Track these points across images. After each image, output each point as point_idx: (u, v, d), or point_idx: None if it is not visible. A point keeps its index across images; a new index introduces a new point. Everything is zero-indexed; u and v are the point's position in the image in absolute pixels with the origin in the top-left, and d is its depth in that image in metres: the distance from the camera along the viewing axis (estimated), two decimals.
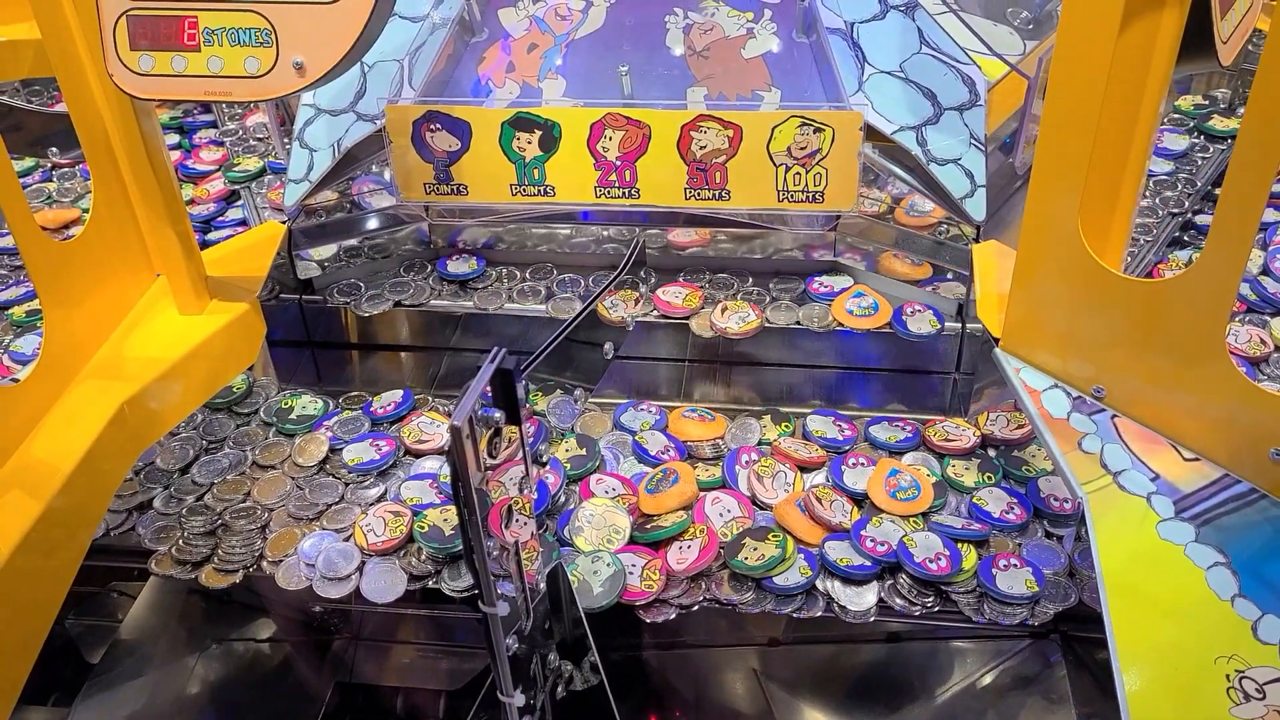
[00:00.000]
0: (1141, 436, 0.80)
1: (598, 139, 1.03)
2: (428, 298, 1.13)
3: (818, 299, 1.10)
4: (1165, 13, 0.73)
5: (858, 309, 1.07)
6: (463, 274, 1.15)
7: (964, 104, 1.04)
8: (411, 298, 1.13)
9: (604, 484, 0.94)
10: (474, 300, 1.13)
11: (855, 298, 1.08)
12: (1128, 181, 0.80)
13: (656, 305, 1.09)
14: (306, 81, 0.81)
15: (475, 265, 1.16)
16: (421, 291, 1.14)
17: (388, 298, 1.13)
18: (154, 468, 1.00)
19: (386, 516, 0.91)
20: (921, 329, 1.04)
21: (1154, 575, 0.73)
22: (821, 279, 1.12)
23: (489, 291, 1.14)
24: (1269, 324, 1.04)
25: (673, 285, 1.12)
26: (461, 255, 1.17)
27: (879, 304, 1.07)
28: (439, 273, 1.16)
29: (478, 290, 1.14)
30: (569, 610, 0.81)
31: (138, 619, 1.12)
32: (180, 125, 1.53)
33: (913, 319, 1.05)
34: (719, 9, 1.10)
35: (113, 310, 0.95)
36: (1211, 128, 1.34)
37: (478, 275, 1.15)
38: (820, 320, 1.06)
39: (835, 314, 1.07)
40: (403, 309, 1.13)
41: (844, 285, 1.11)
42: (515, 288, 1.14)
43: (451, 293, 1.14)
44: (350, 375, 1.19)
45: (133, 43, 0.82)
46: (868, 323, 1.05)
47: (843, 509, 0.90)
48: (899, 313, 1.05)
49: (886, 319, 1.06)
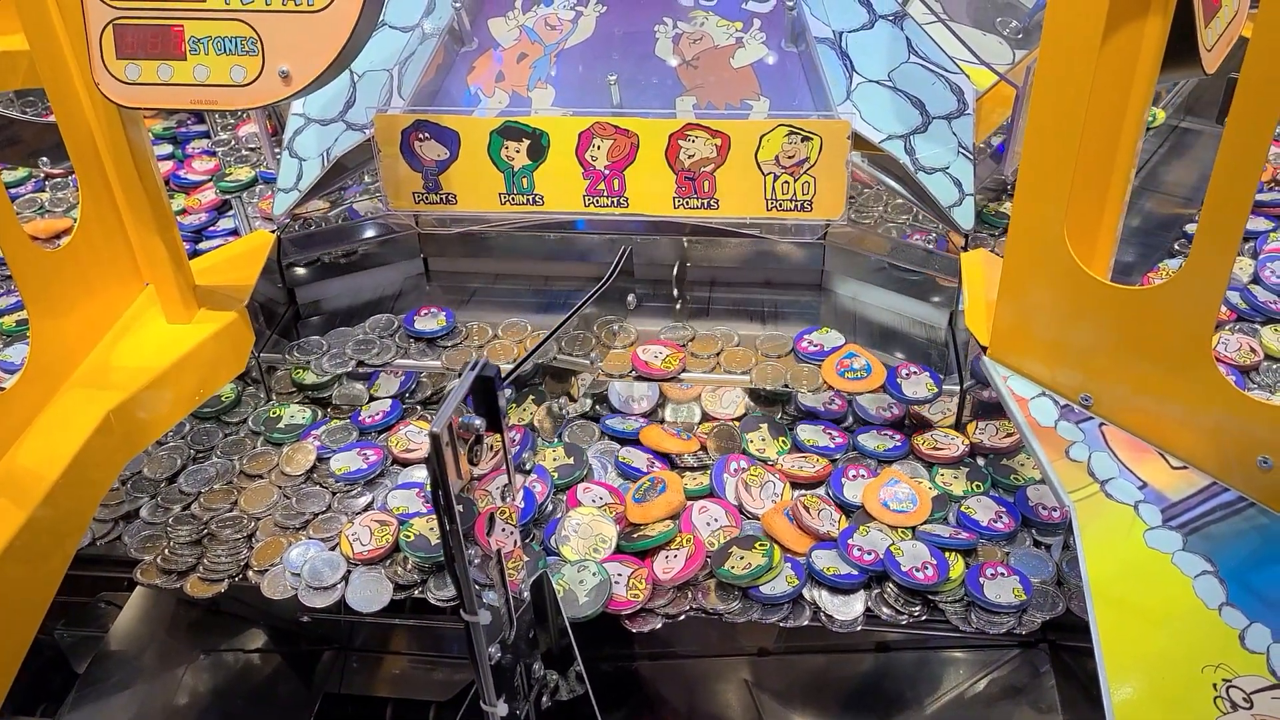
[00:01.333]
0: (1129, 445, 0.80)
1: (586, 148, 1.03)
2: (393, 357, 1.08)
3: (807, 359, 1.04)
4: (1149, 20, 0.73)
5: (849, 372, 1.02)
6: (430, 331, 1.10)
7: (952, 113, 1.04)
8: (376, 357, 1.08)
9: (591, 493, 0.94)
10: (442, 359, 1.08)
11: (846, 359, 1.03)
12: (1113, 189, 0.80)
13: (635, 365, 1.04)
14: (293, 89, 0.81)
15: (444, 321, 1.11)
16: (387, 350, 1.09)
17: (350, 357, 1.08)
18: (141, 477, 1.00)
19: (373, 525, 0.91)
20: (917, 392, 0.99)
21: (1141, 584, 0.73)
22: (810, 338, 1.06)
23: (458, 350, 1.09)
24: (1259, 332, 1.04)
25: (654, 344, 1.07)
26: (429, 311, 1.13)
27: (871, 366, 1.02)
28: (405, 330, 1.11)
29: (445, 349, 1.09)
30: (554, 620, 0.81)
31: (125, 629, 1.12)
32: (174, 135, 1.53)
33: (907, 382, 1.00)
34: (708, 19, 1.10)
35: (101, 319, 0.95)
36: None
37: (446, 332, 1.10)
38: (809, 383, 1.02)
39: (826, 376, 1.02)
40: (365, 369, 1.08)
41: (834, 344, 1.05)
42: (486, 345, 1.10)
43: (419, 351, 1.09)
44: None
45: (119, 52, 0.82)
46: (860, 386, 1.01)
47: (830, 518, 0.90)
48: (893, 375, 1.00)
49: (880, 382, 1.00)
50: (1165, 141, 1.41)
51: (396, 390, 1.07)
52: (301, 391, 1.08)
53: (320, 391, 1.08)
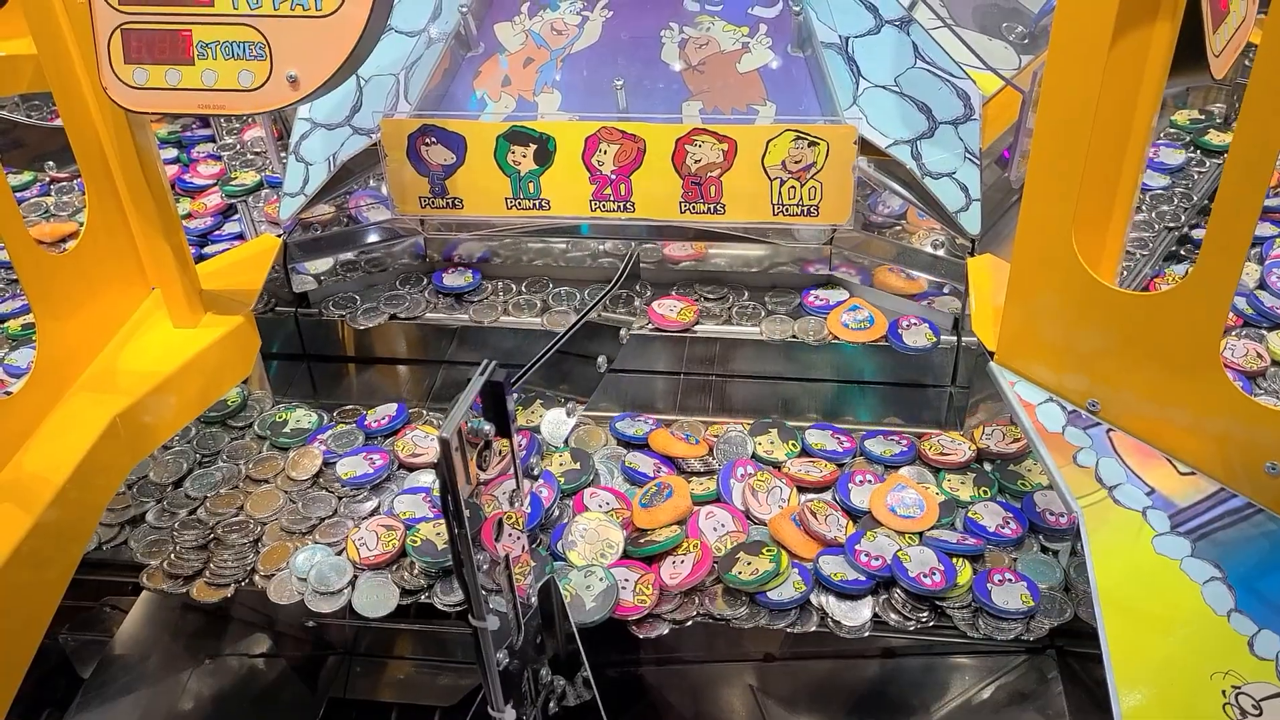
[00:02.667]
0: (1137, 450, 0.80)
1: (593, 152, 1.03)
2: (423, 310, 1.13)
3: (813, 312, 1.09)
4: (1157, 26, 0.73)
5: (853, 322, 1.06)
6: (458, 287, 1.15)
7: (959, 118, 1.04)
8: (407, 310, 1.13)
9: (598, 498, 0.94)
10: (469, 313, 1.12)
11: (850, 311, 1.08)
12: (1121, 195, 0.80)
13: (651, 319, 1.09)
14: (300, 94, 0.81)
15: (471, 278, 1.16)
16: (417, 304, 1.13)
17: (383, 310, 1.12)
18: (147, 481, 1.00)
19: (379, 530, 0.91)
20: (917, 342, 1.03)
21: (1150, 590, 0.73)
22: (817, 292, 1.11)
23: (484, 305, 1.13)
24: (1266, 338, 1.04)
25: (668, 299, 1.11)
26: (457, 269, 1.17)
27: (874, 317, 1.06)
28: (435, 286, 1.16)
29: (473, 303, 1.14)
30: (561, 625, 0.80)
31: (130, 633, 1.11)
32: (179, 140, 1.53)
33: (908, 332, 1.04)
34: (714, 23, 1.10)
35: (107, 323, 0.95)
36: (1208, 142, 1.34)
37: (473, 288, 1.15)
38: (816, 333, 1.06)
39: (831, 327, 1.07)
40: (398, 322, 1.12)
41: (839, 299, 1.10)
42: (510, 301, 1.14)
43: (447, 305, 1.14)
44: (346, 388, 1.18)
45: (127, 56, 0.82)
46: (863, 336, 1.05)
47: (837, 523, 0.90)
48: (894, 326, 1.05)
49: (882, 332, 1.05)
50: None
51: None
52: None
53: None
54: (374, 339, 1.16)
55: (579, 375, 1.04)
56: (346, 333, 1.15)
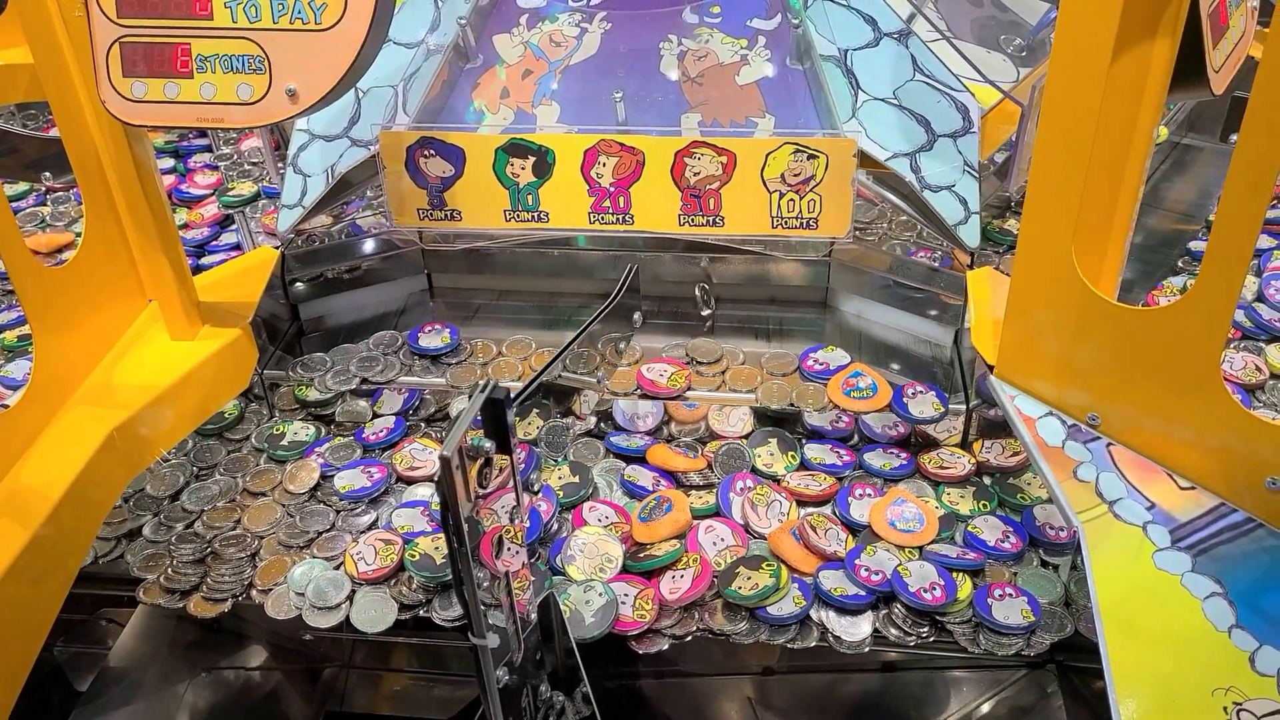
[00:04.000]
0: (1137, 465, 0.80)
1: (591, 165, 1.03)
2: (397, 374, 1.08)
3: (812, 378, 1.04)
4: (1157, 41, 0.73)
5: (855, 391, 1.02)
6: (434, 348, 1.10)
7: (957, 131, 1.04)
8: (380, 375, 1.08)
9: (597, 512, 0.94)
10: (446, 377, 1.08)
11: (853, 377, 1.03)
12: (1121, 209, 0.80)
13: (640, 384, 1.04)
14: (300, 108, 0.81)
15: (449, 339, 1.11)
16: (391, 367, 1.08)
17: (354, 374, 1.08)
18: (144, 494, 0.99)
19: (377, 544, 0.90)
20: (924, 412, 0.98)
21: (1150, 605, 0.73)
22: (816, 355, 1.06)
23: (462, 367, 1.09)
24: (1264, 351, 1.04)
25: (658, 362, 1.07)
26: (433, 328, 1.12)
27: (877, 385, 1.01)
28: (409, 347, 1.11)
29: (450, 366, 1.09)
30: (561, 640, 0.80)
31: (127, 646, 1.11)
32: (175, 149, 1.53)
33: (914, 401, 0.99)
34: (713, 36, 1.10)
35: (104, 336, 0.95)
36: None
37: (451, 349, 1.10)
38: (815, 402, 1.02)
39: (832, 396, 1.02)
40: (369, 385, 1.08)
41: (840, 363, 1.05)
42: (490, 362, 1.09)
43: (422, 368, 1.09)
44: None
45: (126, 69, 0.82)
46: (866, 405, 1.00)
47: (837, 537, 0.89)
48: (899, 394, 1.00)
49: (886, 401, 1.00)
50: (1167, 158, 1.41)
51: (400, 408, 1.06)
52: (305, 409, 1.08)
53: (323, 408, 1.07)
54: None
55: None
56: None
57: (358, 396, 1.07)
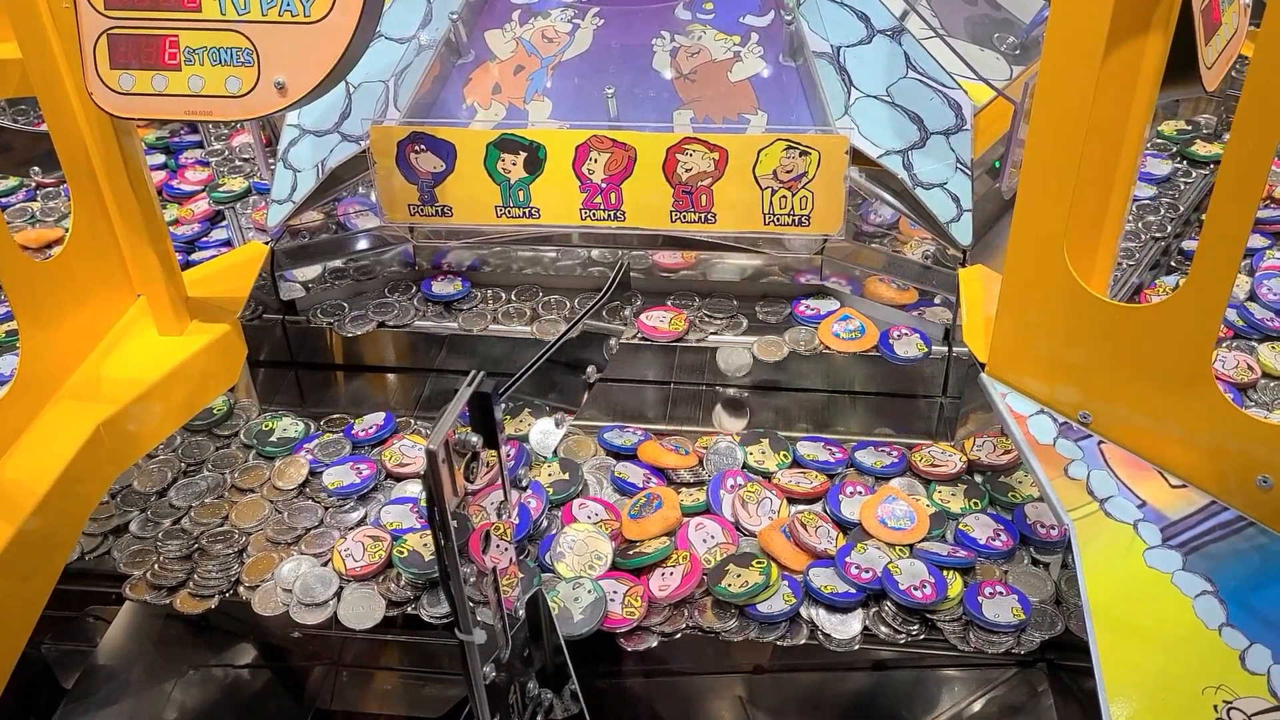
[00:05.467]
0: (1128, 463, 0.80)
1: (583, 161, 1.03)
2: (412, 319, 1.12)
3: (804, 321, 1.09)
4: (1149, 38, 0.73)
5: (844, 332, 1.06)
6: (447, 295, 1.14)
7: (950, 128, 1.04)
8: (396, 318, 1.12)
9: (587, 509, 0.93)
10: (458, 321, 1.12)
11: (841, 320, 1.07)
12: (1113, 206, 0.80)
13: (641, 329, 1.08)
14: (288, 101, 0.80)
15: (460, 286, 1.15)
16: (406, 312, 1.13)
17: (372, 318, 1.12)
18: (131, 490, 0.99)
19: (366, 541, 0.90)
20: (908, 352, 1.03)
21: (1141, 604, 0.72)
22: (808, 302, 1.11)
23: (474, 313, 1.13)
24: (1256, 350, 1.04)
25: (657, 309, 1.11)
26: (446, 276, 1.16)
27: (865, 327, 1.06)
28: (423, 294, 1.15)
29: (462, 311, 1.13)
30: (549, 638, 0.80)
31: (113, 643, 1.10)
32: (166, 145, 1.52)
33: (899, 343, 1.04)
34: (706, 32, 1.10)
35: (91, 330, 0.94)
36: (1194, 153, 1.34)
37: (462, 296, 1.14)
38: (807, 344, 1.06)
39: (822, 337, 1.06)
40: (387, 329, 1.12)
41: (830, 308, 1.10)
42: (500, 309, 1.13)
43: (436, 314, 1.13)
44: (334, 397, 1.18)
45: (113, 61, 0.81)
46: (854, 346, 1.05)
47: (828, 535, 0.89)
48: (885, 336, 1.05)
49: (873, 342, 1.05)
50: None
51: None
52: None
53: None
54: (362, 347, 1.16)
55: (567, 385, 1.03)
56: (334, 341, 1.15)
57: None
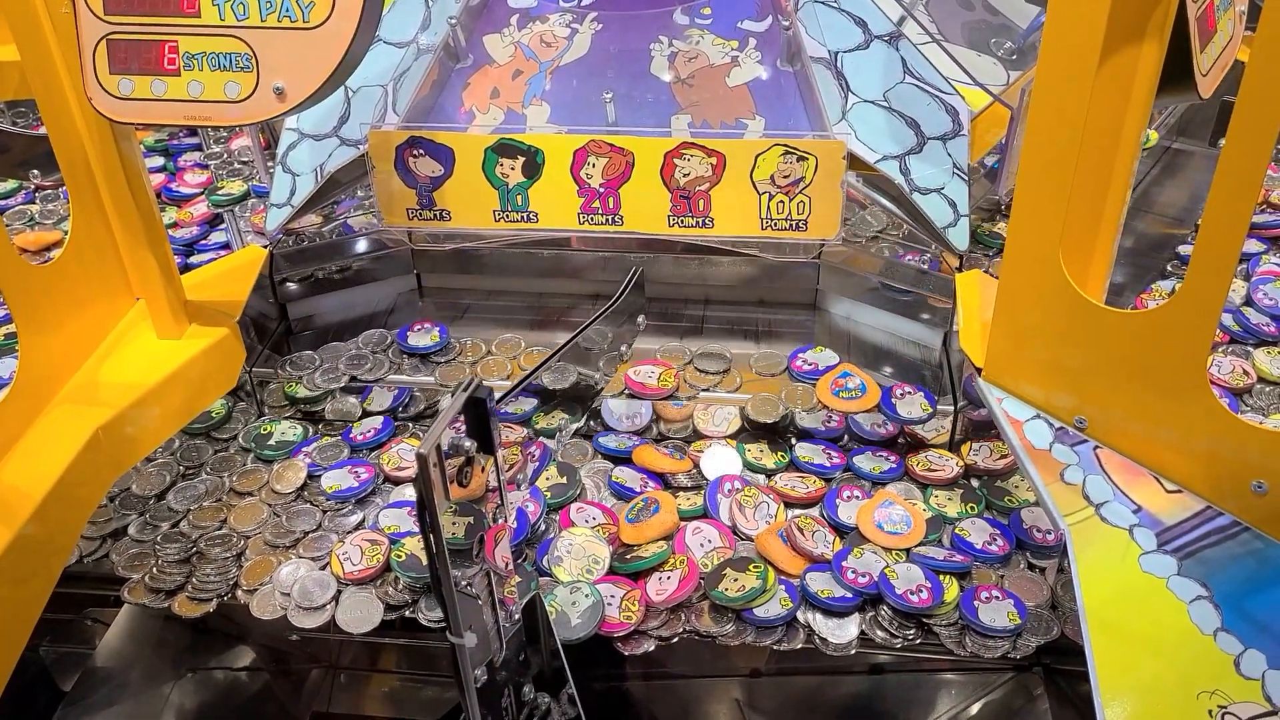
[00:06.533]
0: (1124, 468, 0.80)
1: (581, 165, 1.03)
2: (386, 372, 1.07)
3: (801, 378, 1.04)
4: (1144, 45, 0.73)
5: (844, 391, 1.02)
6: (424, 347, 1.09)
7: (947, 134, 1.04)
8: (369, 373, 1.07)
9: (584, 513, 0.93)
10: (435, 375, 1.07)
11: (841, 378, 1.03)
12: (1109, 212, 0.80)
13: (628, 385, 1.03)
14: (287, 106, 0.80)
15: (438, 337, 1.10)
16: (380, 366, 1.08)
17: (343, 372, 1.07)
18: (129, 494, 0.99)
19: (364, 545, 0.90)
20: (912, 413, 0.98)
21: (1136, 609, 0.73)
22: (805, 356, 1.06)
23: (452, 366, 1.08)
24: (1252, 355, 1.04)
25: (646, 364, 1.06)
26: (423, 327, 1.12)
27: (866, 385, 1.01)
28: (399, 345, 1.10)
29: (439, 365, 1.08)
30: (546, 642, 0.80)
31: (112, 646, 1.11)
32: (165, 148, 1.52)
33: (901, 402, 0.99)
34: (704, 37, 1.10)
35: (90, 334, 0.95)
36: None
37: (440, 348, 1.10)
38: (804, 403, 1.01)
39: (820, 396, 1.02)
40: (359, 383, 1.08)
41: (829, 363, 1.05)
42: (480, 361, 1.09)
43: (411, 367, 1.09)
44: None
45: (112, 66, 0.81)
46: (855, 406, 1.00)
47: (825, 539, 0.89)
48: (887, 395, 0.99)
49: (874, 402, 1.00)
50: (1157, 163, 1.41)
51: (389, 405, 1.06)
52: (294, 405, 1.08)
53: (313, 405, 1.07)
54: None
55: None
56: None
57: (348, 394, 1.07)
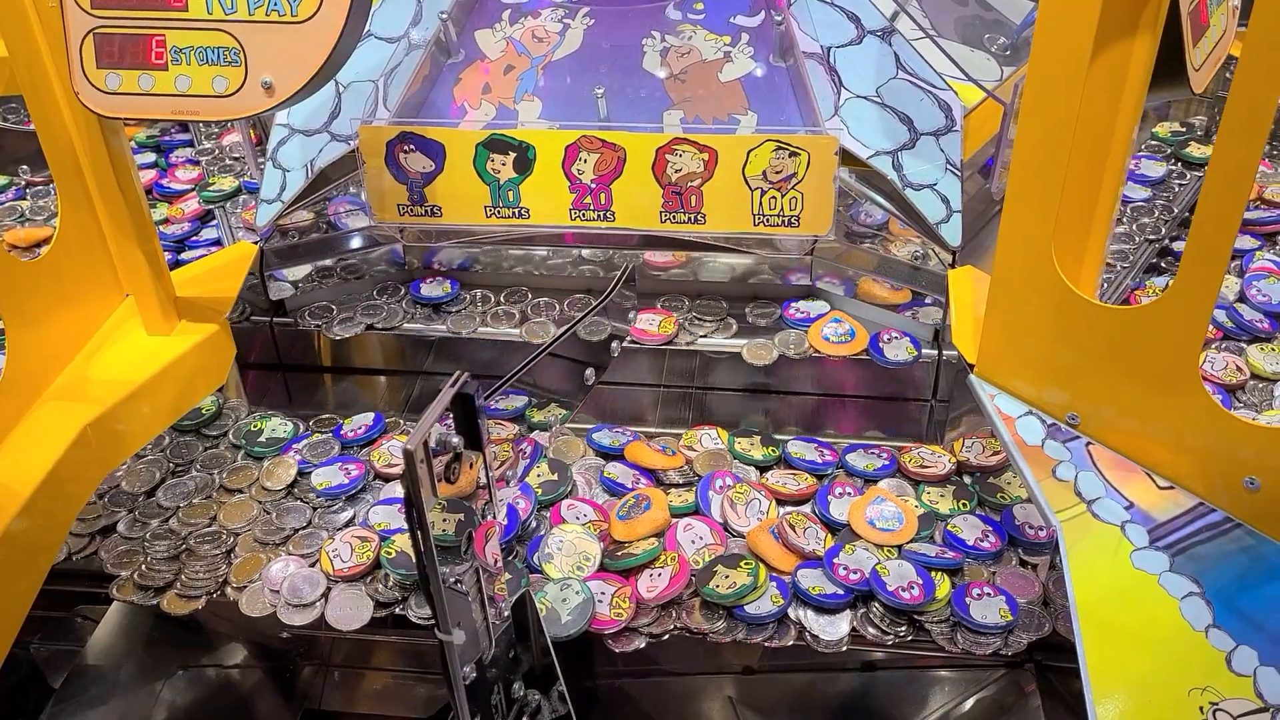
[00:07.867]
0: (1116, 464, 0.80)
1: (572, 161, 1.02)
2: (400, 321, 1.11)
3: (794, 325, 1.09)
4: (1137, 40, 0.73)
5: (834, 335, 1.05)
6: (436, 297, 1.13)
7: (940, 129, 1.03)
8: (384, 321, 1.11)
9: (575, 510, 0.93)
10: (447, 324, 1.11)
11: (832, 324, 1.07)
12: (1101, 208, 0.80)
13: (630, 332, 1.07)
14: (275, 101, 0.80)
15: (449, 288, 1.14)
16: (394, 315, 1.12)
17: (360, 321, 1.11)
18: (119, 490, 0.98)
19: (354, 542, 0.90)
20: (898, 356, 1.03)
21: (1128, 605, 0.72)
22: (798, 304, 1.11)
23: (463, 315, 1.12)
24: (1245, 351, 1.04)
25: (646, 312, 1.10)
26: (435, 279, 1.16)
27: (855, 330, 1.06)
28: (412, 296, 1.15)
29: (451, 314, 1.12)
30: (537, 639, 0.80)
31: (102, 644, 1.10)
32: (157, 144, 1.52)
33: (889, 346, 1.04)
34: (696, 32, 1.10)
35: (79, 330, 0.94)
36: (1189, 154, 1.34)
37: (451, 299, 1.14)
38: (797, 347, 1.05)
39: (812, 341, 1.06)
40: (375, 332, 1.11)
41: (820, 311, 1.10)
42: (489, 311, 1.13)
43: (425, 316, 1.12)
44: (322, 398, 1.17)
45: (99, 61, 0.81)
46: (844, 349, 1.04)
47: (816, 536, 0.89)
48: (875, 339, 1.04)
49: (863, 346, 1.04)
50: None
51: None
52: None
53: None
54: (351, 349, 1.15)
55: (562, 387, 1.03)
56: (322, 342, 1.14)
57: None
